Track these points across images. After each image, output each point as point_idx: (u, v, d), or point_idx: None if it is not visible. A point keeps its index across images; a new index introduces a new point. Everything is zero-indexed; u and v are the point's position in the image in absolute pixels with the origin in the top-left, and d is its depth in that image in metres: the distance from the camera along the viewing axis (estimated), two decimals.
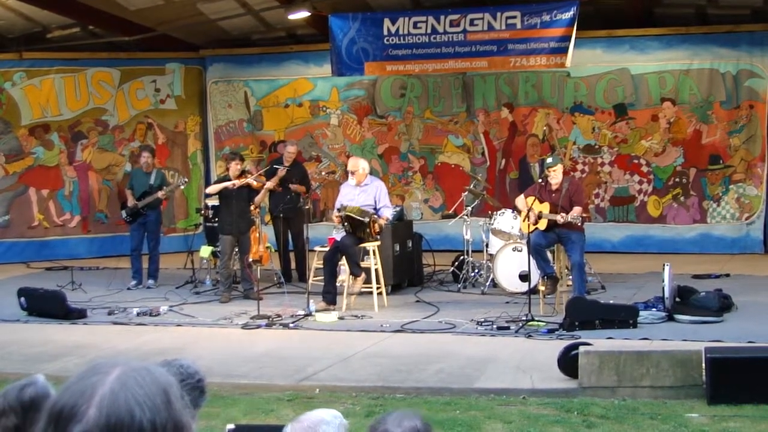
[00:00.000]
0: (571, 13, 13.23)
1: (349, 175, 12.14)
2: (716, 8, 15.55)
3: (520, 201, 11.50)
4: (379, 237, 11.80)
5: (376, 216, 11.66)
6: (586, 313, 9.89)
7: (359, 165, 12.14)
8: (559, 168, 11.25)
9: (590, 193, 16.02)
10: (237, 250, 12.57)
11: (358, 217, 11.42)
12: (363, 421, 7.04)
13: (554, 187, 11.19)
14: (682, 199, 15.92)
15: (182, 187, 14.51)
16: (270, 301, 12.06)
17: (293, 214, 13.25)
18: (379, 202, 11.88)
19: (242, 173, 12.69)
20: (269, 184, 13.14)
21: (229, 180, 12.47)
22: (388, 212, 11.97)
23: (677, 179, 15.94)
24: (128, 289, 13.45)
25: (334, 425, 3.33)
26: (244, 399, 7.91)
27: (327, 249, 11.81)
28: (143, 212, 13.60)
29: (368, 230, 11.49)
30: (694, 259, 14.71)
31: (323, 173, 17.38)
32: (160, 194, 13.51)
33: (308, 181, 14.24)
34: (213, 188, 12.67)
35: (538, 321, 10.22)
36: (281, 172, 13.41)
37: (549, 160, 11.63)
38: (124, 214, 13.85)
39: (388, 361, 8.89)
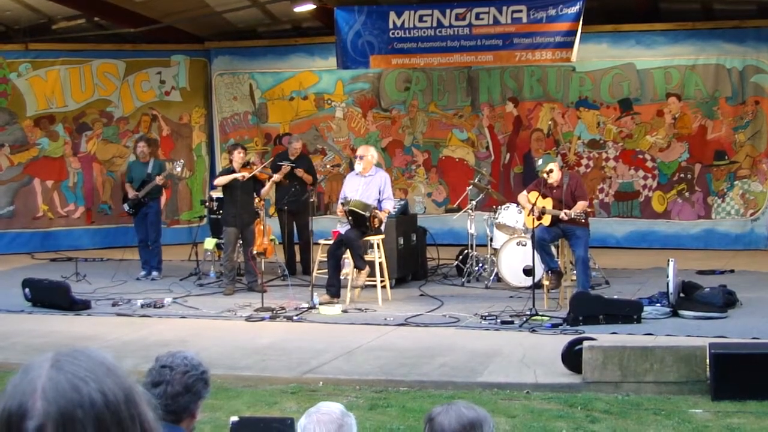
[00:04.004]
0: (577, 7, 13.21)
1: (357, 159, 12.09)
2: (722, 3, 15.52)
3: (522, 197, 11.47)
4: (381, 230, 11.80)
5: (377, 210, 11.64)
6: (590, 308, 9.88)
7: (369, 151, 12.15)
8: (553, 166, 11.20)
9: (594, 188, 16.01)
10: (241, 242, 12.57)
11: (360, 211, 11.41)
12: (366, 414, 7.06)
13: (555, 185, 11.17)
14: (686, 194, 15.89)
15: (179, 170, 14.48)
16: (274, 294, 12.06)
17: (298, 207, 13.24)
18: (383, 193, 11.87)
19: (246, 165, 12.70)
20: (276, 177, 13.12)
21: (234, 170, 12.47)
22: (389, 205, 11.95)
23: (682, 175, 15.92)
24: (137, 279, 13.51)
25: (353, 417, 3.37)
26: (247, 391, 7.92)
27: (331, 242, 11.81)
28: (145, 202, 13.61)
29: (368, 224, 11.49)
30: (698, 255, 14.69)
31: (328, 166, 17.38)
32: (158, 179, 13.50)
33: (314, 172, 14.22)
34: (222, 180, 12.60)
35: (542, 315, 10.21)
36: (285, 168, 13.41)
37: (539, 162, 11.62)
38: (126, 206, 13.86)
39: (391, 355, 8.89)
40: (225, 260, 12.57)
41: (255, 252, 12.34)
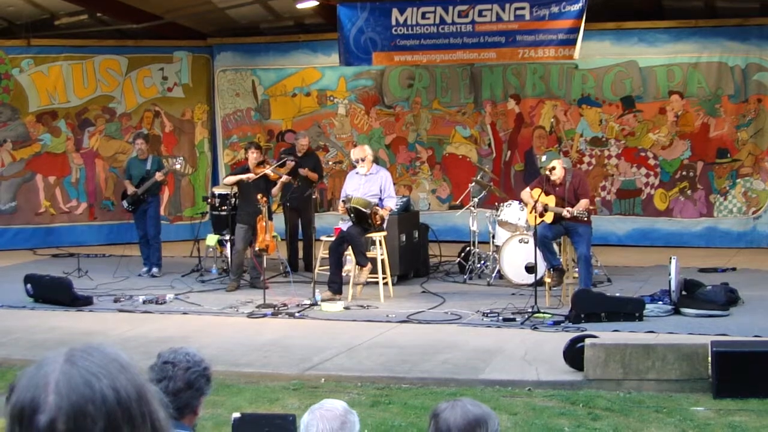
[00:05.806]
0: (580, 4, 13.18)
1: (358, 162, 12.10)
2: (725, 1, 15.49)
3: (525, 194, 11.46)
4: (383, 227, 11.79)
5: (377, 207, 11.64)
6: (592, 306, 9.88)
7: (366, 151, 12.14)
8: (556, 163, 11.12)
9: (597, 185, 16.00)
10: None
11: (361, 208, 11.41)
12: (368, 411, 7.06)
13: (558, 182, 11.15)
14: (688, 192, 15.88)
15: (178, 167, 14.50)
16: (276, 291, 12.07)
17: (303, 204, 13.23)
18: (384, 192, 11.87)
19: (260, 163, 12.70)
20: (285, 178, 13.04)
21: (248, 168, 12.50)
22: (391, 203, 11.96)
23: (684, 172, 15.90)
24: (139, 275, 13.52)
25: (355, 414, 3.38)
26: (249, 388, 7.93)
27: (333, 239, 11.82)
28: (144, 198, 13.62)
29: (370, 220, 11.50)
30: (700, 253, 14.69)
31: (330, 163, 17.37)
32: (157, 176, 13.52)
33: (321, 170, 14.24)
34: (230, 179, 12.62)
35: (544, 313, 10.22)
36: (289, 164, 13.38)
37: (543, 158, 11.58)
38: (125, 203, 13.87)
39: (393, 352, 8.89)
40: (235, 257, 12.56)
41: (257, 249, 12.34)
